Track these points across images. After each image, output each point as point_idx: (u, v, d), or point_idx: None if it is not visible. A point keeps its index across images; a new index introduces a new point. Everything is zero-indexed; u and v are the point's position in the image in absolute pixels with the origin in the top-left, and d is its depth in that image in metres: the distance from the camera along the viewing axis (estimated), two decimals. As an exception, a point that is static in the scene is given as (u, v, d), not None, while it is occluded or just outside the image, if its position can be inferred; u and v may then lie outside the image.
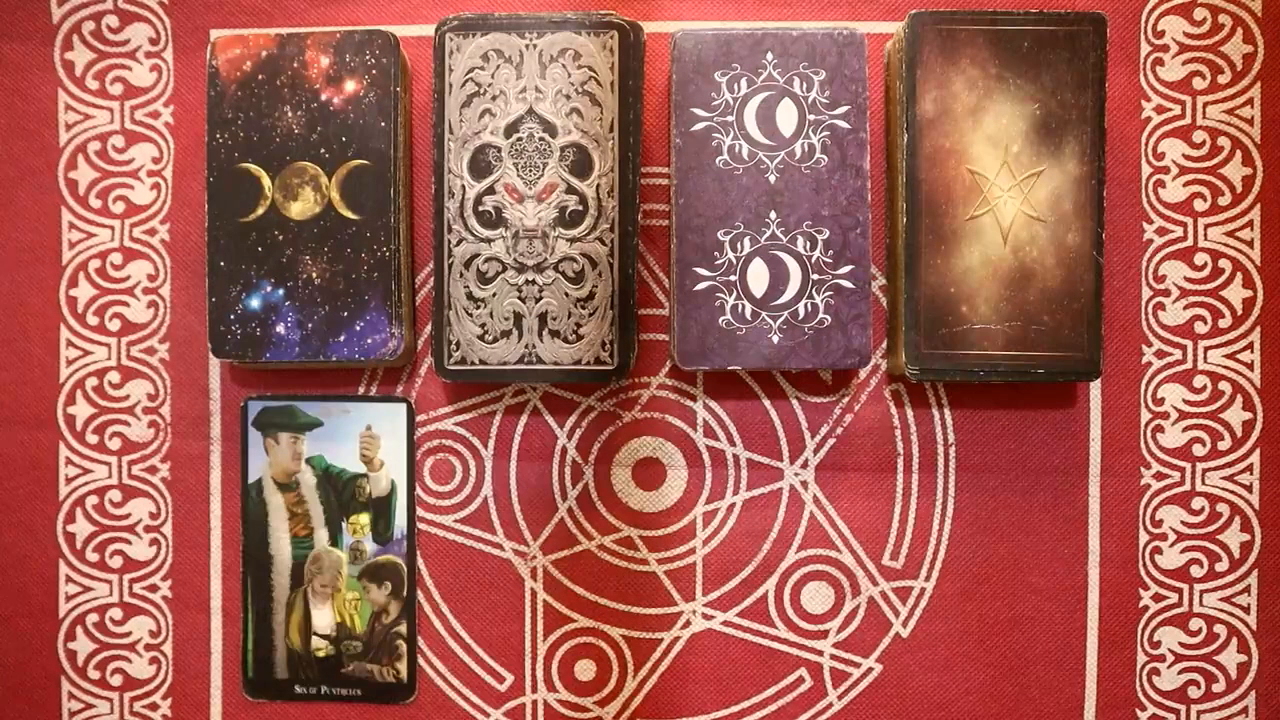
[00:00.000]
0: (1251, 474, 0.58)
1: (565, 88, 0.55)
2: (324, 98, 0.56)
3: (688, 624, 0.59)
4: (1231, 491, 0.58)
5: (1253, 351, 0.58)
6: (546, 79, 0.55)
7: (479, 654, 0.59)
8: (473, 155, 0.55)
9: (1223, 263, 0.58)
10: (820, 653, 0.59)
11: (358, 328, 0.56)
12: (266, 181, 0.56)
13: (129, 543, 0.59)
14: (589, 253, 0.55)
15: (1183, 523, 0.58)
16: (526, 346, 0.55)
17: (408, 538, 0.59)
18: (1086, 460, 0.59)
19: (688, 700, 0.58)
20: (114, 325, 0.59)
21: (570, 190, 0.55)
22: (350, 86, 0.56)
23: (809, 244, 0.55)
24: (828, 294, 0.55)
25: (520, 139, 0.55)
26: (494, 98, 0.55)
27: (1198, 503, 0.58)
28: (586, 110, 0.55)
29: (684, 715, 0.57)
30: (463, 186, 0.55)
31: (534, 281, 0.55)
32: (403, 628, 0.59)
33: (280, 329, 0.56)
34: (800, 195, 0.55)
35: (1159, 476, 0.58)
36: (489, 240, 0.55)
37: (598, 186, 0.55)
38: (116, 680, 0.60)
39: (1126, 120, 0.58)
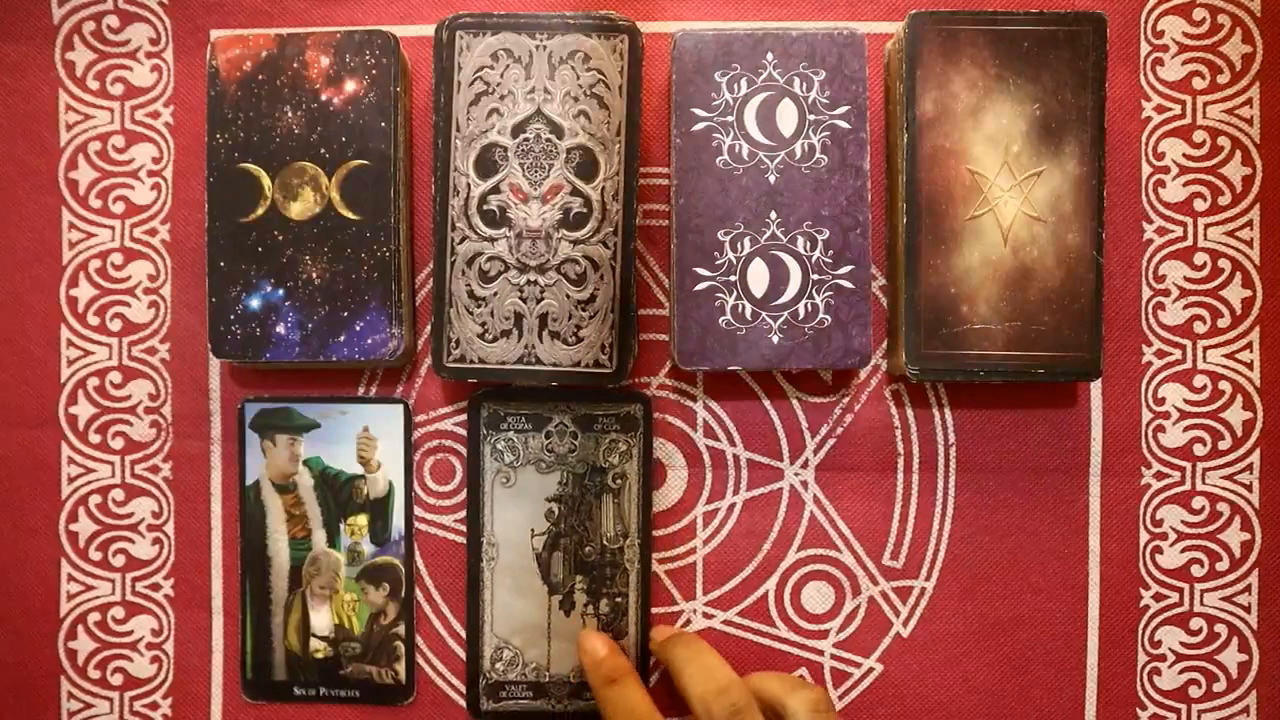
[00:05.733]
0: (1251, 474, 0.58)
1: (574, 90, 0.55)
2: (324, 98, 0.56)
3: (688, 623, 0.59)
4: (1232, 491, 0.58)
5: (1252, 351, 0.58)
6: (555, 80, 0.55)
7: (479, 654, 0.59)
8: (479, 154, 0.55)
9: (1222, 262, 0.58)
10: (821, 652, 0.59)
11: (358, 328, 0.56)
12: (266, 181, 0.56)
13: (132, 541, 0.59)
14: (591, 255, 0.55)
15: (1183, 522, 0.58)
16: (526, 347, 0.55)
17: (405, 539, 0.59)
18: (1087, 460, 0.59)
19: (688, 700, 0.58)
20: (115, 325, 0.59)
21: (575, 192, 0.55)
22: (350, 86, 0.56)
23: (809, 244, 0.55)
24: (828, 294, 0.55)
25: (527, 139, 0.55)
26: (502, 97, 0.55)
27: (1198, 502, 0.58)
28: (594, 113, 0.55)
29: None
30: (468, 184, 0.55)
31: (535, 282, 0.55)
32: (401, 629, 0.59)
33: (280, 329, 0.56)
34: (800, 195, 0.55)
35: (1159, 476, 0.58)
36: (492, 239, 0.55)
37: (602, 189, 0.55)
38: (117, 680, 0.60)
39: (1126, 120, 0.58)
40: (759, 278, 0.55)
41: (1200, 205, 0.58)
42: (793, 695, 0.50)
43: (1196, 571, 0.59)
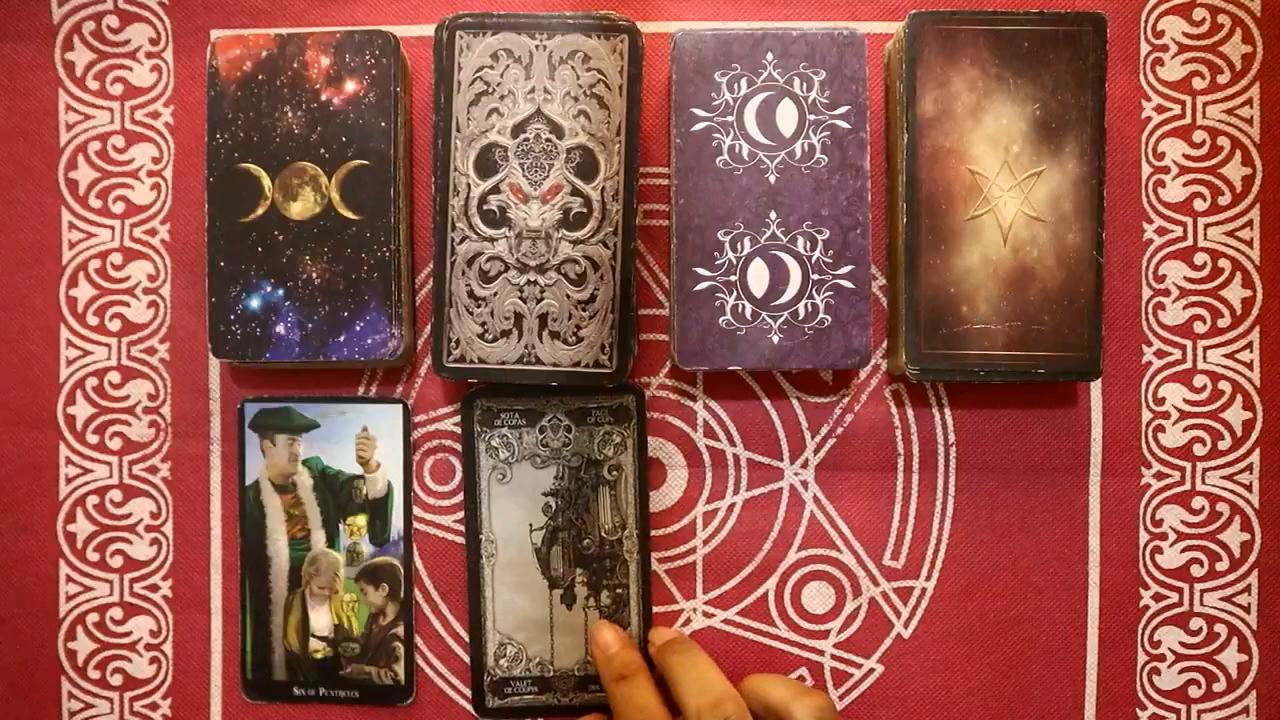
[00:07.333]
0: (1251, 474, 0.58)
1: (574, 90, 0.55)
2: (324, 98, 0.56)
3: (688, 621, 0.59)
4: (1231, 491, 0.58)
5: (1252, 351, 0.58)
6: (555, 80, 0.55)
7: (479, 655, 0.59)
8: (479, 154, 0.55)
9: (1222, 262, 0.58)
10: (821, 653, 0.59)
11: (358, 328, 0.56)
12: (266, 181, 0.56)
13: (130, 542, 0.59)
14: (591, 255, 0.55)
15: (1183, 522, 0.58)
16: (526, 347, 0.55)
17: (404, 539, 0.59)
18: (1087, 460, 0.59)
19: (688, 701, 0.58)
20: (114, 325, 0.59)
21: (575, 192, 0.55)
22: (350, 86, 0.56)
23: (809, 244, 0.55)
24: (828, 294, 0.55)
25: (527, 139, 0.55)
26: (502, 97, 0.55)
27: (1198, 502, 0.58)
28: (594, 113, 0.55)
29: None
30: (468, 185, 0.55)
31: (535, 282, 0.55)
32: (400, 629, 0.59)
33: (280, 329, 0.56)
34: (800, 195, 0.55)
35: (1159, 476, 0.58)
36: (492, 239, 0.55)
37: (602, 189, 0.55)
38: (116, 680, 0.59)
39: (1126, 120, 0.58)
40: (759, 278, 0.55)
41: (1200, 205, 0.58)
42: (797, 701, 0.50)
43: (1196, 571, 0.59)
